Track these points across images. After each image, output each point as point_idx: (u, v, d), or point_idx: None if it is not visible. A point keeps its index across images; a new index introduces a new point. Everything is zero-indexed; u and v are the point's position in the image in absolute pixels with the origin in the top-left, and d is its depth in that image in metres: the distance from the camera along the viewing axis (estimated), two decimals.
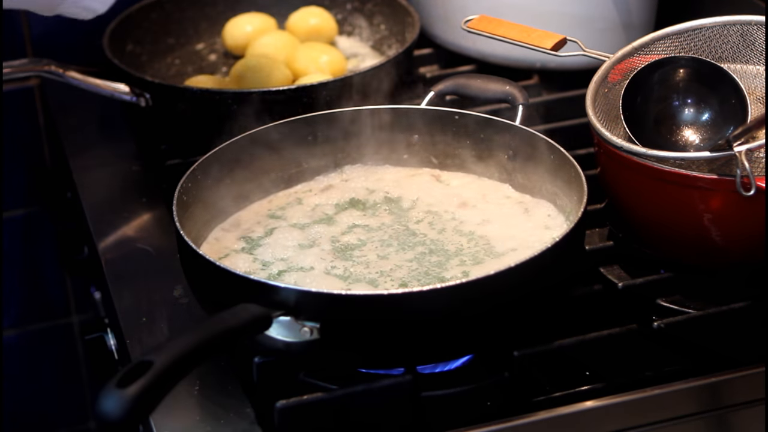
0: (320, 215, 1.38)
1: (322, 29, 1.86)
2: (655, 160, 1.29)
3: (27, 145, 1.95)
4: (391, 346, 1.19)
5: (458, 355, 1.24)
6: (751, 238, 1.28)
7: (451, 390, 1.23)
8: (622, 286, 1.33)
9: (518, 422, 1.19)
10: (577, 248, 1.29)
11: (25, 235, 2.00)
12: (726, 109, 1.35)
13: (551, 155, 1.36)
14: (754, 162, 1.33)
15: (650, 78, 1.37)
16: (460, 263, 1.29)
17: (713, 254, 1.31)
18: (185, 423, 1.20)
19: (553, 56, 1.46)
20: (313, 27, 1.85)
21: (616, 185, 1.37)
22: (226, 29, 1.86)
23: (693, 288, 1.34)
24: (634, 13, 1.72)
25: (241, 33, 1.84)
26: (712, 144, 1.30)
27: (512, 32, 1.49)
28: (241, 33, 1.84)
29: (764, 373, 1.24)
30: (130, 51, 1.79)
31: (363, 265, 1.29)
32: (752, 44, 1.39)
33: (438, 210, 1.39)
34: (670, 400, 1.23)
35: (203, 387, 1.24)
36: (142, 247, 1.48)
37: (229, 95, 1.58)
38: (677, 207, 1.29)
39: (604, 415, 1.21)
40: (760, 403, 1.26)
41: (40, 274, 2.05)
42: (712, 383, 1.24)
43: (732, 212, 1.26)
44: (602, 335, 1.25)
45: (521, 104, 1.47)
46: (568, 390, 1.22)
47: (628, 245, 1.40)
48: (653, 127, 1.36)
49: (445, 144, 1.45)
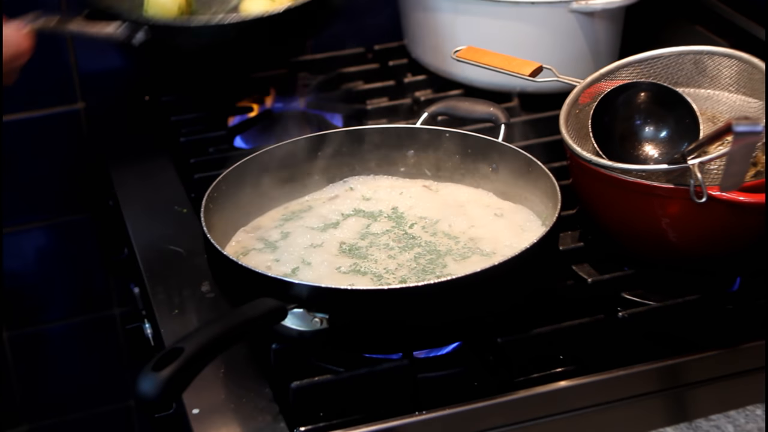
0: (329, 221, 1.38)
1: None
2: (620, 172, 1.28)
3: (75, 161, 1.95)
4: (391, 335, 1.19)
5: (449, 341, 1.24)
6: (703, 239, 1.28)
7: (443, 372, 1.22)
8: (592, 281, 1.33)
9: (501, 400, 1.19)
10: (553, 248, 1.29)
11: (73, 238, 2.00)
12: (681, 128, 1.35)
13: (529, 168, 1.36)
14: (705, 173, 1.33)
15: (616, 100, 1.37)
16: (450, 262, 1.28)
17: (670, 253, 1.30)
18: (212, 401, 1.20)
19: (531, 82, 1.46)
20: None
21: (586, 194, 1.37)
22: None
23: (653, 283, 1.34)
24: (601, 44, 1.72)
25: None
26: (669, 158, 1.30)
27: (495, 61, 1.49)
28: None
29: (765, 354, 1.24)
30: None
31: (367, 264, 1.29)
32: (704, 71, 1.39)
33: (430, 216, 1.38)
34: (633, 379, 1.23)
35: (227, 370, 1.24)
36: (173, 249, 1.47)
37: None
38: (639, 212, 1.29)
39: (576, 393, 1.21)
40: (711, 382, 1.26)
41: (86, 273, 2.05)
42: (670, 365, 1.24)
43: (686, 217, 1.26)
44: (574, 324, 1.25)
45: (503, 123, 1.47)
46: (544, 372, 1.22)
47: (596, 246, 1.39)
48: (618, 143, 1.36)
49: (436, 158, 1.45)
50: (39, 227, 1.96)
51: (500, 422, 1.20)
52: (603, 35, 1.71)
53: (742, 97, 1.36)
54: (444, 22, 1.72)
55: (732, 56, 1.36)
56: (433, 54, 1.77)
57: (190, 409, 1.18)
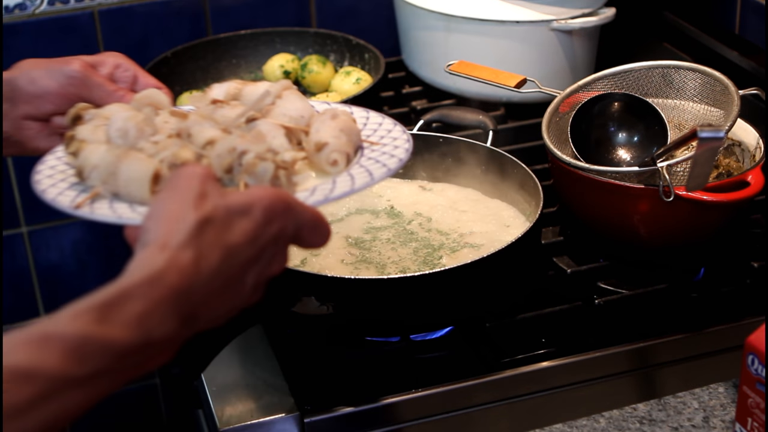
0: (335, 216, 1.38)
1: None
2: (596, 173, 1.28)
3: None
4: (390, 320, 1.19)
5: (442, 326, 1.24)
6: (670, 233, 1.28)
7: (437, 353, 1.22)
8: (570, 271, 1.33)
9: (489, 378, 1.19)
10: (536, 242, 1.29)
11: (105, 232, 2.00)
12: (651, 134, 1.35)
13: (515, 170, 1.36)
14: (673, 175, 1.33)
15: (592, 109, 1.37)
16: (443, 255, 1.28)
17: (641, 246, 1.30)
18: (228, 377, 1.20)
19: (516, 92, 1.46)
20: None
21: (565, 193, 1.37)
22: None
23: (625, 273, 1.33)
24: (579, 59, 1.72)
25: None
26: (640, 161, 1.30)
27: (484, 74, 1.49)
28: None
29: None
30: None
31: (370, 256, 1.28)
32: (671, 83, 1.39)
33: (426, 213, 1.38)
34: (608, 360, 1.23)
35: (243, 351, 1.24)
36: None
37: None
38: (613, 210, 1.29)
39: (556, 373, 1.21)
40: (678, 362, 1.26)
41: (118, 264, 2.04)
42: (641, 347, 1.24)
43: (656, 214, 1.26)
44: (555, 310, 1.25)
45: (491, 130, 1.47)
46: (528, 353, 1.22)
47: (575, 240, 1.39)
48: (594, 148, 1.36)
49: (431, 161, 1.45)
50: (75, 222, 1.96)
51: (488, 399, 1.19)
52: (580, 51, 1.71)
53: (706, 106, 1.36)
54: (438, 39, 1.72)
55: (696, 70, 1.36)
56: (428, 67, 1.77)
57: (209, 387, 1.18)
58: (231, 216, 0.81)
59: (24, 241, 1.93)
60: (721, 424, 1.06)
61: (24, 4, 1.78)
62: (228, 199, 0.82)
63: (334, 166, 0.99)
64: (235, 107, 1.02)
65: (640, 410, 1.09)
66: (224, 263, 0.80)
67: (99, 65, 1.12)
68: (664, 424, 1.06)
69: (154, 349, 0.77)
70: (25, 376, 0.70)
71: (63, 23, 1.80)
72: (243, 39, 1.86)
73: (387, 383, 1.18)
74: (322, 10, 1.94)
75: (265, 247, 0.83)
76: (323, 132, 1.00)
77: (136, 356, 0.76)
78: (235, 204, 0.82)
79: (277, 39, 1.87)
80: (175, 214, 0.80)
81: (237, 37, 1.85)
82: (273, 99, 1.03)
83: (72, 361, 0.72)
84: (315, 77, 1.78)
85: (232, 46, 1.85)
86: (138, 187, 0.93)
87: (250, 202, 0.82)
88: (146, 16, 1.85)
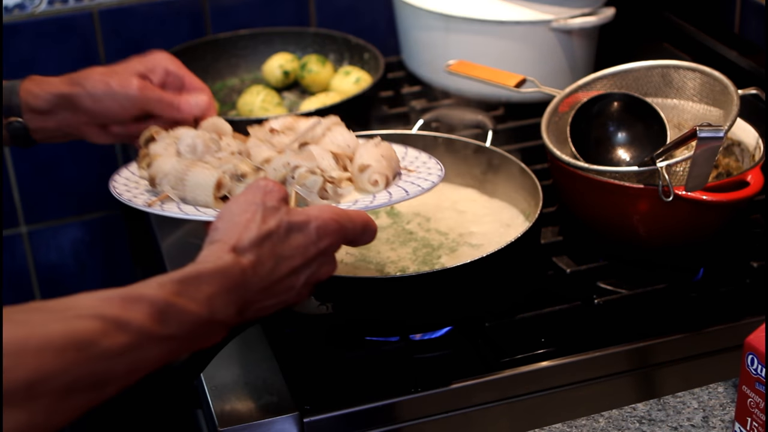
0: None
1: None
2: (595, 173, 1.28)
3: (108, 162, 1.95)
4: (389, 319, 1.19)
5: (441, 326, 1.24)
6: (669, 233, 1.28)
7: (436, 353, 1.22)
8: (570, 271, 1.33)
9: (488, 378, 1.19)
10: (535, 242, 1.29)
11: (104, 233, 2.00)
12: (650, 133, 1.35)
13: (514, 169, 1.36)
14: (672, 175, 1.33)
15: (591, 109, 1.37)
16: (443, 255, 1.28)
17: (640, 246, 1.30)
18: (228, 377, 1.20)
19: (515, 92, 1.46)
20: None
21: (565, 193, 1.37)
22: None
23: (625, 273, 1.33)
24: (578, 59, 1.72)
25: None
26: (639, 160, 1.30)
27: (483, 73, 1.49)
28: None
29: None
30: None
31: (370, 256, 1.28)
32: (670, 83, 1.39)
33: (425, 213, 1.38)
34: (607, 360, 1.23)
35: (242, 351, 1.24)
36: (196, 243, 1.47)
37: None
38: (613, 210, 1.29)
39: (555, 373, 1.21)
40: (677, 362, 1.26)
41: (117, 265, 2.04)
42: (640, 347, 1.24)
43: (655, 214, 1.26)
44: (554, 310, 1.25)
45: (491, 129, 1.47)
46: (527, 353, 1.22)
47: (575, 240, 1.39)
48: (594, 147, 1.36)
49: None
50: (74, 222, 1.96)
51: (488, 399, 1.19)
52: (580, 51, 1.71)
53: (705, 106, 1.36)
54: (437, 39, 1.72)
55: (695, 70, 1.36)
56: (428, 67, 1.77)
57: (209, 386, 1.18)
58: (289, 231, 0.97)
59: (23, 241, 1.93)
60: (721, 424, 1.06)
61: (23, 4, 1.78)
62: (290, 216, 0.98)
63: (374, 186, 1.14)
64: (289, 135, 1.17)
65: (639, 410, 1.08)
66: (276, 268, 0.96)
67: (150, 73, 1.25)
68: (663, 424, 1.06)
69: (213, 328, 0.91)
70: (122, 325, 0.82)
71: (62, 23, 1.80)
72: (242, 39, 1.86)
73: (386, 383, 1.18)
74: (322, 10, 1.94)
75: (314, 257, 0.99)
76: (366, 156, 1.15)
77: (200, 329, 0.89)
78: (294, 222, 0.98)
79: (277, 39, 1.87)
80: (245, 222, 0.96)
81: (236, 37, 1.85)
82: (323, 131, 1.17)
83: (156, 321, 0.85)
84: (314, 77, 1.78)
85: (231, 46, 1.85)
86: (203, 192, 1.10)
87: (307, 221, 0.98)
88: (146, 16, 1.85)
